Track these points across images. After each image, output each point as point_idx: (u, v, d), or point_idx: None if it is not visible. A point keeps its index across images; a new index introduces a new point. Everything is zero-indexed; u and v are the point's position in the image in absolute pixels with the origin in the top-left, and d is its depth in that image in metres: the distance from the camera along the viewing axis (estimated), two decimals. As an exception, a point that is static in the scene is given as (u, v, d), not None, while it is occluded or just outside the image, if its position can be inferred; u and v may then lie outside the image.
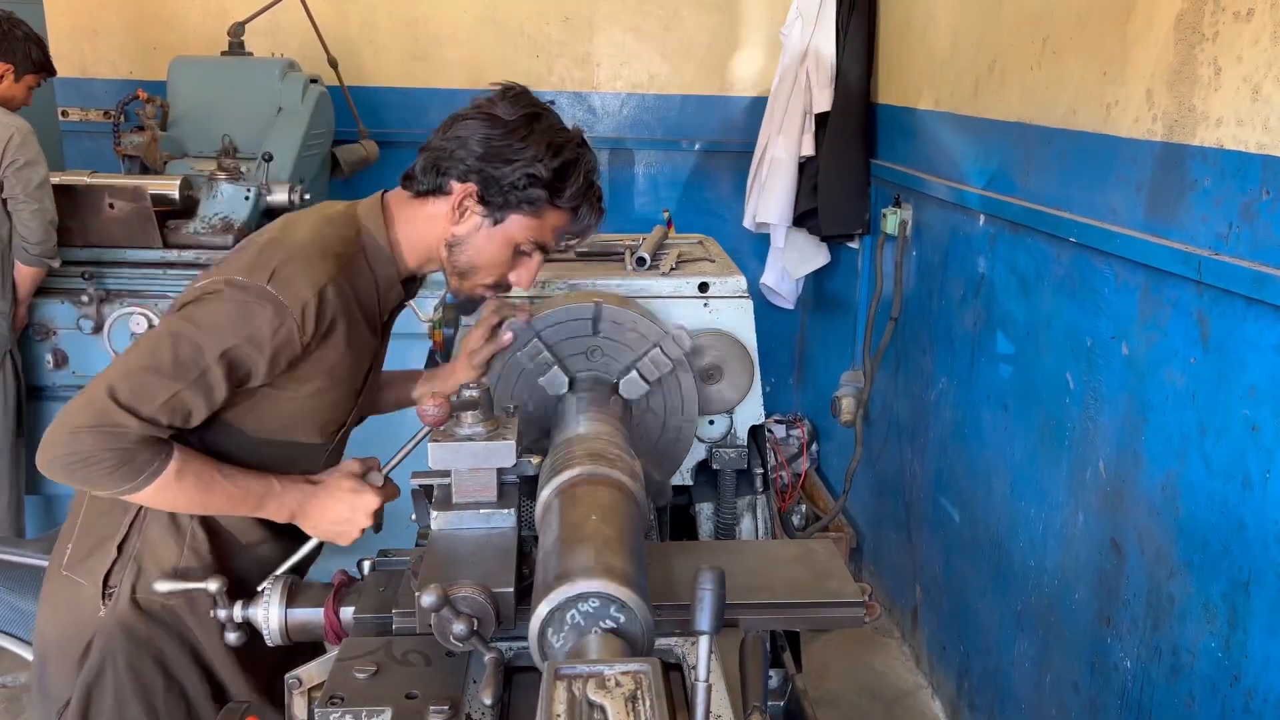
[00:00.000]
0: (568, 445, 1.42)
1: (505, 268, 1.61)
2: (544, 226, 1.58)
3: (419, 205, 1.60)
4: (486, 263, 1.60)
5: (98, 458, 1.38)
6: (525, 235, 1.58)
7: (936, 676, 3.17)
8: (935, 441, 3.14)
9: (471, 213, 1.57)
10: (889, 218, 3.38)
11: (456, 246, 1.59)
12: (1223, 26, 1.76)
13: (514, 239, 1.58)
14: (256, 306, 1.44)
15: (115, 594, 1.57)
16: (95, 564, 1.57)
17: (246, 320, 1.44)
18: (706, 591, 0.93)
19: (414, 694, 1.19)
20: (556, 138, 1.58)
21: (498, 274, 1.62)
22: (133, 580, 1.56)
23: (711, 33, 4.32)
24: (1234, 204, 1.73)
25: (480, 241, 1.58)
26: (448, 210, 1.57)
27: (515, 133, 1.55)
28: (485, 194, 1.55)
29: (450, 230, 1.58)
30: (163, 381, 1.41)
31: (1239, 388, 1.73)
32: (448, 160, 1.55)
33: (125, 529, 1.57)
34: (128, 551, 1.57)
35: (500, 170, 1.53)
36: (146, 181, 3.20)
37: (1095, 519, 2.19)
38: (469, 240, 1.58)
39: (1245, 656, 1.71)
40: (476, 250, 1.59)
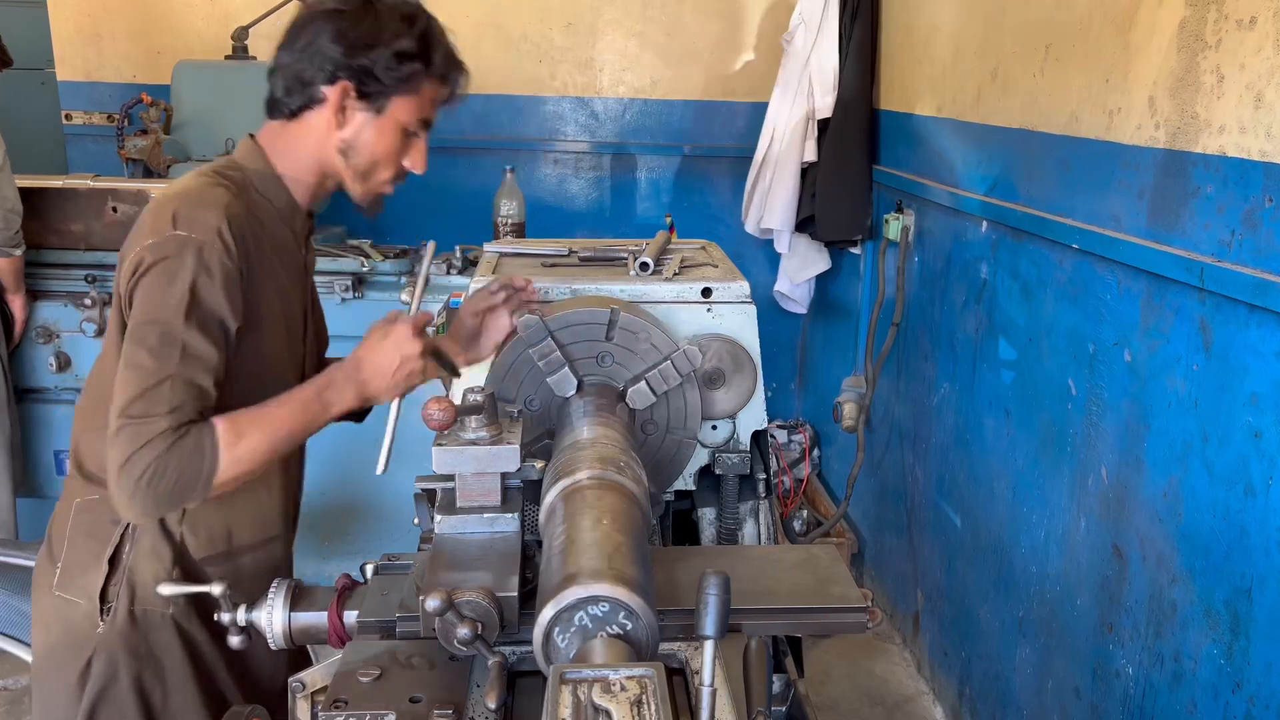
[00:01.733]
0: (573, 450, 1.42)
1: (399, 155, 1.62)
2: (423, 102, 1.59)
3: (295, 127, 1.59)
4: (383, 155, 1.60)
5: (160, 471, 1.38)
6: (409, 115, 1.59)
7: (938, 682, 3.16)
8: (937, 447, 3.14)
9: (354, 111, 1.56)
10: (891, 223, 3.38)
11: (351, 150, 1.59)
12: (1225, 34, 1.76)
13: (401, 122, 1.59)
14: (178, 257, 1.43)
15: (113, 609, 1.55)
16: (89, 581, 1.55)
17: (180, 273, 1.43)
18: (711, 596, 0.93)
19: (418, 698, 1.19)
20: (402, 9, 1.58)
21: (394, 165, 1.63)
22: (130, 593, 1.55)
23: (714, 39, 4.33)
24: (1236, 211, 1.73)
25: (371, 136, 1.58)
26: (329, 118, 1.56)
27: (363, 18, 1.54)
28: (362, 87, 1.54)
29: (338, 137, 1.58)
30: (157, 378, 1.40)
31: (1241, 394, 1.73)
32: (309, 70, 1.54)
33: (115, 541, 1.55)
34: (120, 564, 1.55)
35: (368, 58, 1.52)
36: (149, 185, 3.21)
37: (1097, 525, 2.19)
38: (360, 139, 1.58)
39: (1247, 663, 1.71)
40: (369, 146, 1.59)
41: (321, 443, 3.35)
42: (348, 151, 1.59)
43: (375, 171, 1.62)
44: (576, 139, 4.42)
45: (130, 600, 1.55)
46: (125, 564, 1.56)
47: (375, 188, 1.65)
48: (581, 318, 1.76)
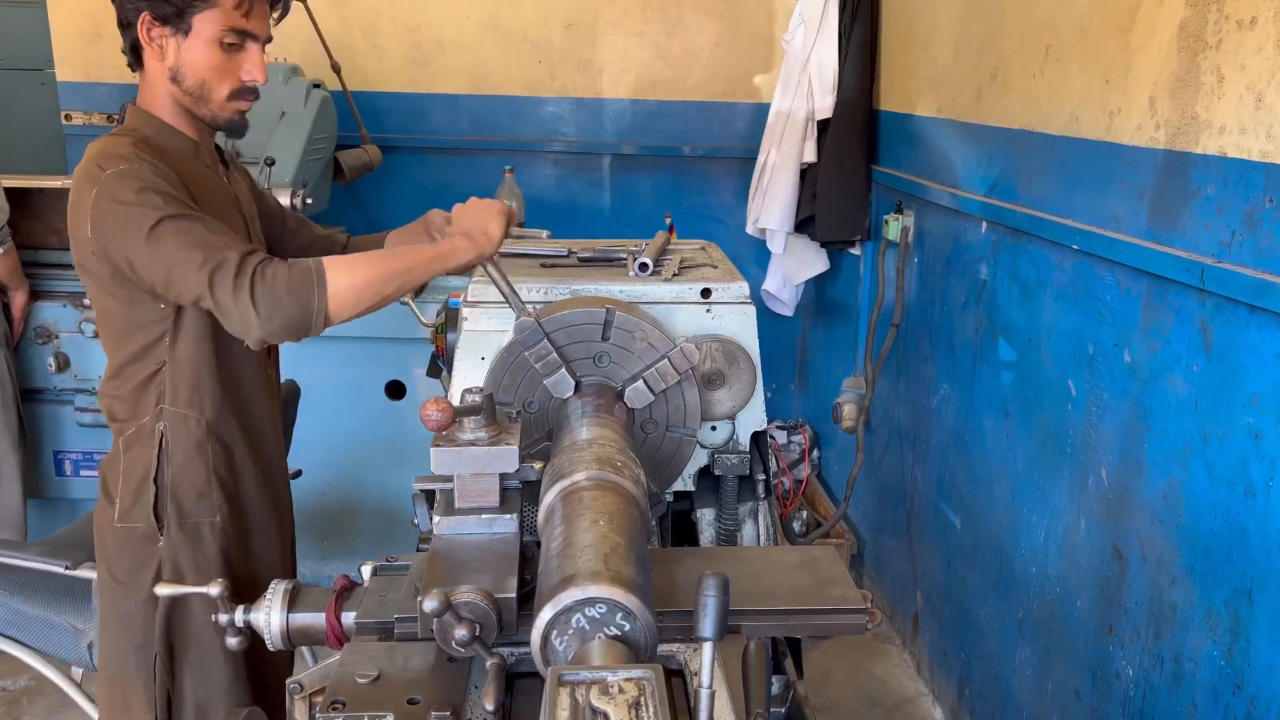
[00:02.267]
0: (571, 450, 1.42)
1: (228, 69, 1.70)
2: (226, 12, 1.66)
3: (144, 77, 1.73)
4: (207, 72, 1.69)
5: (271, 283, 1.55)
6: (216, 26, 1.66)
7: (937, 684, 3.16)
8: (937, 448, 3.13)
9: (164, 39, 1.67)
10: (890, 224, 3.38)
11: (177, 76, 1.69)
12: (1226, 35, 1.76)
13: (211, 35, 1.67)
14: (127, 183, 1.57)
15: (167, 524, 1.75)
16: (144, 503, 1.74)
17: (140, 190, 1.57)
18: (710, 598, 0.93)
19: (416, 699, 1.18)
20: None
21: (227, 79, 1.71)
22: (176, 509, 1.75)
23: (714, 39, 4.33)
24: (1237, 212, 1.73)
25: (187, 57, 1.68)
26: (153, 54, 1.69)
27: None
28: (155, 13, 1.64)
29: (165, 67, 1.69)
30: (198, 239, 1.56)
31: (1241, 395, 1.73)
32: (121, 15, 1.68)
33: (155, 463, 1.73)
34: (163, 483, 1.74)
35: None
36: (149, 185, 3.20)
37: (1097, 526, 2.19)
38: (181, 63, 1.68)
39: (1248, 665, 1.71)
40: (191, 67, 1.68)
41: (321, 444, 3.35)
42: (176, 77, 1.69)
43: (209, 90, 1.71)
44: (576, 139, 4.41)
45: (178, 515, 1.75)
46: (167, 482, 1.74)
47: (220, 107, 1.73)
48: (578, 318, 1.75)
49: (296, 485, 2.91)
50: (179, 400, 1.73)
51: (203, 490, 1.76)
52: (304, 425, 2.80)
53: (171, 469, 1.75)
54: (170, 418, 1.73)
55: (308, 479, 2.93)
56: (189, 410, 1.73)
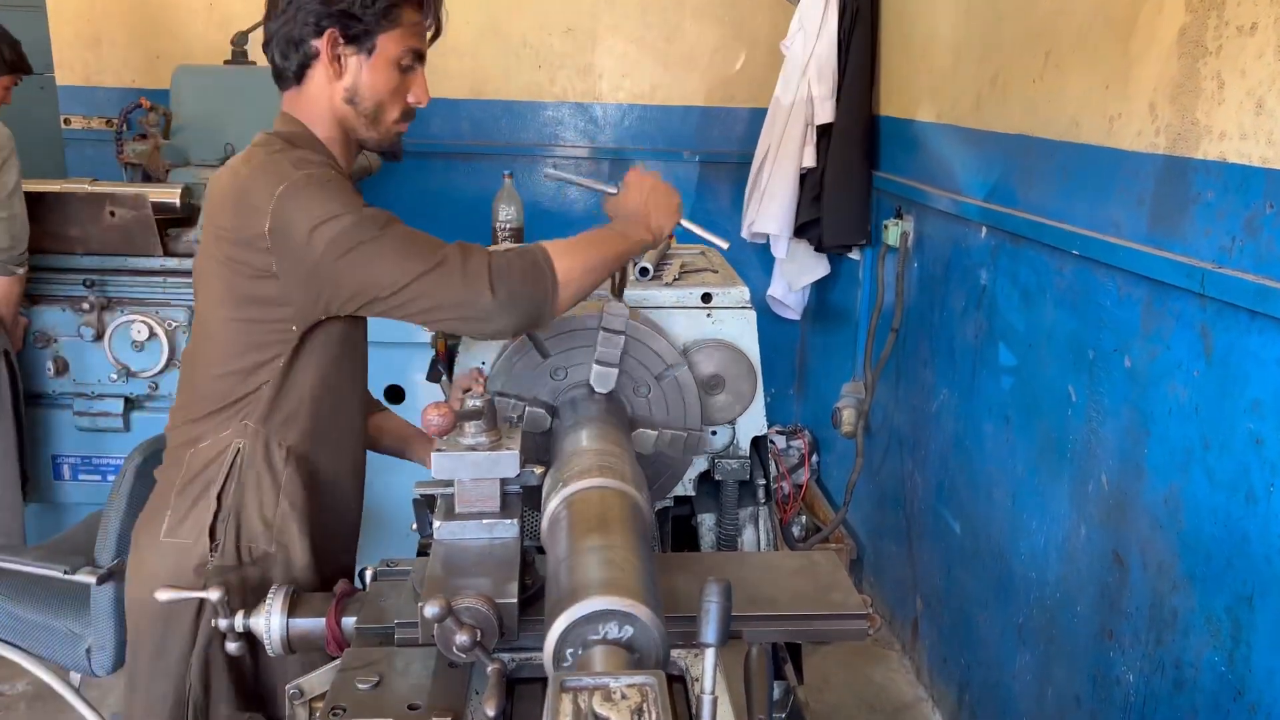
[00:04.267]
0: (574, 456, 1.42)
1: (400, 91, 1.68)
2: (408, 32, 1.65)
3: (304, 91, 1.66)
4: (385, 94, 1.66)
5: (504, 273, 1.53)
6: (398, 48, 1.64)
7: (937, 689, 3.16)
8: (936, 453, 3.13)
9: (346, 57, 1.62)
10: (890, 229, 3.38)
11: (355, 97, 1.65)
12: (1226, 40, 1.76)
13: (393, 57, 1.64)
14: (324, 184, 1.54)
15: (220, 545, 1.63)
16: (199, 518, 1.63)
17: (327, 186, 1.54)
18: (713, 604, 0.93)
19: (416, 705, 1.18)
20: None
21: (400, 102, 1.69)
22: (235, 529, 1.63)
23: (714, 44, 4.33)
24: (1237, 217, 1.73)
25: (369, 78, 1.64)
26: (327, 70, 1.63)
27: None
28: (347, 31, 1.60)
29: (340, 86, 1.64)
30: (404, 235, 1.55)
31: (1242, 401, 1.73)
32: (296, 29, 1.61)
33: (223, 479, 1.63)
34: (226, 502, 1.63)
35: (344, 2, 1.59)
36: (147, 189, 3.20)
37: (1097, 532, 2.18)
38: (360, 83, 1.64)
39: (1249, 671, 1.71)
40: (371, 88, 1.65)
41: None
42: (354, 98, 1.65)
43: (383, 112, 1.68)
44: (576, 144, 4.42)
45: (236, 537, 1.63)
46: (231, 500, 1.63)
47: (389, 129, 1.71)
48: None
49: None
50: (269, 423, 1.63)
51: (269, 518, 1.65)
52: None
53: (239, 490, 1.65)
54: (251, 437, 1.63)
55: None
56: (277, 434, 1.64)
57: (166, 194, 3.17)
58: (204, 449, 1.65)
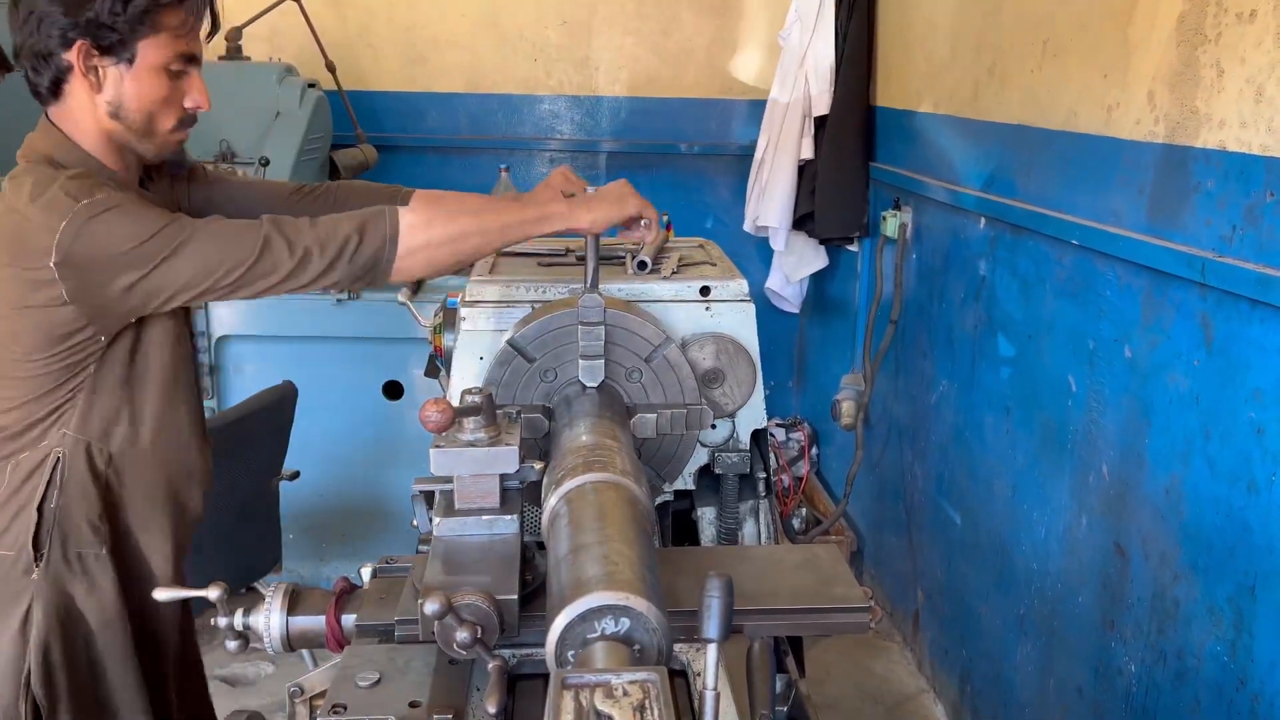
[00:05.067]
0: (574, 453, 1.41)
1: (173, 98, 1.56)
2: (173, 36, 1.52)
3: (64, 106, 1.54)
4: (154, 104, 1.54)
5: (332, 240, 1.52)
6: (165, 53, 1.52)
7: (939, 681, 3.16)
8: (936, 445, 3.13)
9: (104, 69, 1.50)
10: (889, 220, 3.37)
11: (119, 111, 1.53)
12: (1225, 28, 1.75)
13: (158, 63, 1.52)
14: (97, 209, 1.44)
15: (45, 555, 1.58)
16: (19, 531, 1.57)
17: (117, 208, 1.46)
18: (714, 599, 0.92)
19: (417, 703, 1.18)
20: None
21: (172, 109, 1.57)
22: (62, 538, 1.58)
23: (710, 36, 4.32)
24: (1238, 206, 1.72)
25: (133, 89, 1.52)
26: (83, 85, 1.51)
27: None
28: (100, 42, 1.48)
29: (102, 101, 1.52)
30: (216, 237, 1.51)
31: (1243, 390, 1.73)
32: (41, 43, 1.49)
33: (42, 490, 1.57)
34: (48, 512, 1.58)
35: (91, 9, 1.46)
36: (144, 187, 3.19)
37: (1098, 522, 2.18)
38: (123, 95, 1.52)
39: (1251, 660, 1.71)
40: (137, 99, 1.53)
41: (318, 446, 3.34)
42: (118, 112, 1.53)
43: (155, 123, 1.56)
44: (573, 137, 4.40)
45: (63, 545, 1.58)
46: (54, 511, 1.58)
47: (165, 139, 1.59)
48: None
49: (295, 487, 2.91)
50: (87, 429, 1.58)
51: (96, 522, 1.60)
52: (301, 427, 2.79)
53: (62, 498, 1.58)
54: (71, 445, 1.57)
55: (305, 481, 2.92)
56: (97, 439, 1.59)
57: (162, 191, 3.16)
58: (24, 460, 1.58)
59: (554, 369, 1.77)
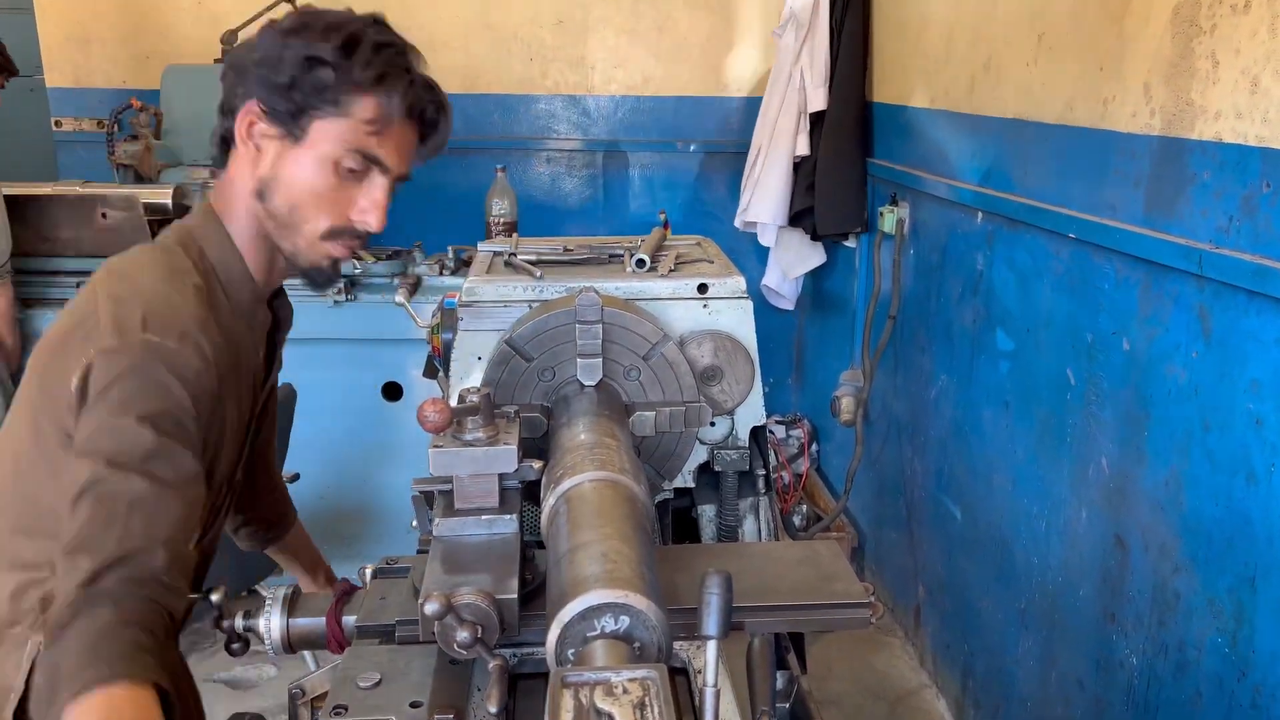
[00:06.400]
0: (573, 451, 1.41)
1: (337, 200, 1.30)
2: (356, 126, 1.27)
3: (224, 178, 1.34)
4: (307, 195, 1.28)
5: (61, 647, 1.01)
6: (340, 143, 1.26)
7: (940, 676, 3.16)
8: (936, 440, 3.13)
9: (267, 138, 1.27)
10: (886, 216, 3.37)
11: (265, 190, 1.29)
12: (1220, 19, 1.75)
13: (328, 153, 1.27)
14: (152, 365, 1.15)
15: None
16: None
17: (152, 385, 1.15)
18: (713, 596, 0.92)
19: (418, 703, 1.17)
20: (337, 19, 1.30)
21: (329, 212, 1.30)
22: None
23: (705, 34, 4.32)
24: (1234, 197, 1.72)
25: (289, 171, 1.28)
26: (245, 152, 1.29)
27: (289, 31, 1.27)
28: (269, 104, 1.25)
29: (255, 175, 1.29)
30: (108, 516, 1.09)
31: (1242, 382, 1.73)
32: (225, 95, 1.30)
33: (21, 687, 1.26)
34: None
35: (277, 71, 1.25)
36: (139, 190, 3.19)
37: (1098, 515, 2.18)
38: (279, 174, 1.28)
39: (1252, 651, 1.71)
40: (288, 184, 1.28)
41: (318, 447, 3.33)
42: (264, 190, 1.30)
43: (302, 219, 1.30)
44: (569, 137, 4.40)
45: None
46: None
47: (311, 244, 1.32)
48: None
49: (295, 489, 2.90)
50: None
51: None
52: (301, 428, 2.78)
53: None
54: None
55: (305, 482, 2.92)
56: None
57: (158, 195, 3.16)
58: None
59: (552, 368, 1.76)
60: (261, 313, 1.41)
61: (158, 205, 3.14)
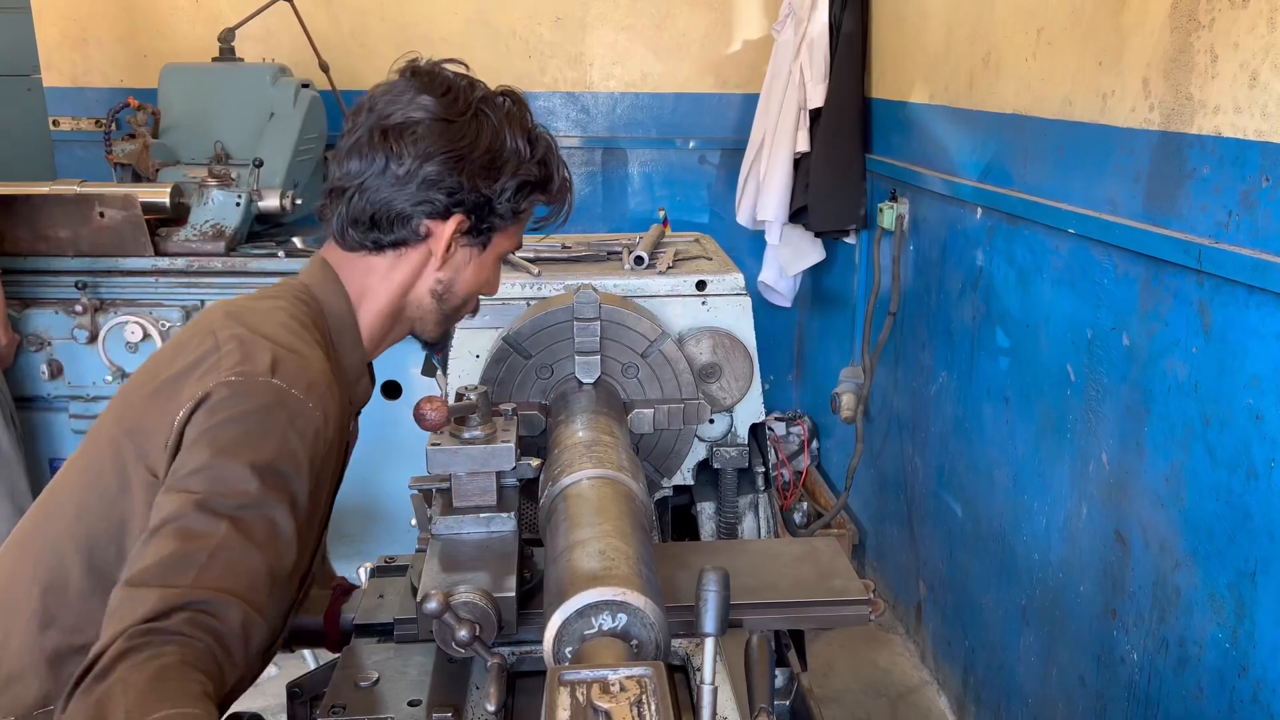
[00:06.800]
0: (570, 449, 1.41)
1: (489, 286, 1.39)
2: (523, 226, 1.37)
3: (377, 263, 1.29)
4: (477, 291, 1.37)
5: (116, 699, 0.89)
6: (512, 244, 1.36)
7: (942, 672, 3.16)
8: (936, 436, 3.13)
9: (458, 247, 1.31)
10: (885, 212, 3.37)
11: (448, 292, 1.34)
12: (1219, 13, 1.74)
13: (503, 252, 1.36)
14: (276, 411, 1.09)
15: None
16: None
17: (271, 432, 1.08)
18: (711, 593, 0.92)
19: (417, 701, 1.17)
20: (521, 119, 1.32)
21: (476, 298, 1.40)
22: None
23: (704, 30, 4.31)
24: (1233, 192, 1.71)
25: (472, 275, 1.34)
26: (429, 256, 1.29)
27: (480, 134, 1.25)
28: (479, 221, 1.29)
29: (435, 277, 1.32)
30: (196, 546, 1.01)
31: (1242, 377, 1.72)
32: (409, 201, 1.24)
33: None
34: None
35: (490, 190, 1.26)
36: (136, 189, 3.18)
37: (1099, 511, 2.18)
38: (459, 279, 1.33)
39: (1253, 647, 1.70)
40: (469, 285, 1.35)
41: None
42: (445, 293, 1.33)
43: (464, 308, 1.38)
44: (568, 134, 4.40)
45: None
46: None
47: (451, 325, 1.41)
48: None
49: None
50: None
51: None
52: (300, 427, 2.77)
53: None
54: None
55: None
56: None
57: (156, 193, 3.15)
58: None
59: (550, 365, 1.76)
60: (365, 382, 1.39)
61: (155, 204, 3.14)
